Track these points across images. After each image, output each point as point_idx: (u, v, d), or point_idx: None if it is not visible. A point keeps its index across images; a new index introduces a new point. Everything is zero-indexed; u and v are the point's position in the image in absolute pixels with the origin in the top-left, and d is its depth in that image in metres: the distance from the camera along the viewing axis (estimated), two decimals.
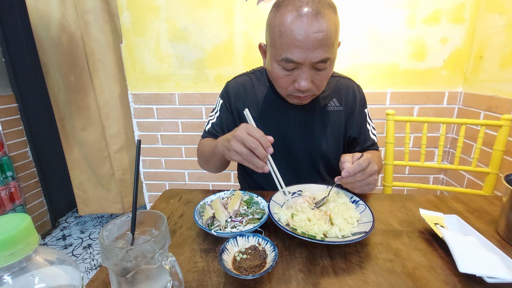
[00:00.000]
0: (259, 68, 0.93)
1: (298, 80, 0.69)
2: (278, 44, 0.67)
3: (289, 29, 0.63)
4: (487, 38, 1.37)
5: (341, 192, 0.72)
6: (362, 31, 1.50)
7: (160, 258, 0.39)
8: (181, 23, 1.57)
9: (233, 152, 0.62)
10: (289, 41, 0.64)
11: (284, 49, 0.66)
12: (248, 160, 0.61)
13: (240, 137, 0.61)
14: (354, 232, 0.58)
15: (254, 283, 0.48)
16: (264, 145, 0.60)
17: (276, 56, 0.68)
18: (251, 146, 0.59)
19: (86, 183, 2.07)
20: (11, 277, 0.29)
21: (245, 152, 0.60)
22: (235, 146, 0.61)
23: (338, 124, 0.88)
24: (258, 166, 0.61)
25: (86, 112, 1.90)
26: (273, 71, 0.72)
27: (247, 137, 0.60)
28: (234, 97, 0.89)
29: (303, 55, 0.64)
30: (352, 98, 0.88)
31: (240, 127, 0.63)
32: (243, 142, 0.60)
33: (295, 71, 0.69)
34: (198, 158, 0.94)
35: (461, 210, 0.72)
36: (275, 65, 0.70)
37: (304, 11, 0.62)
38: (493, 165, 1.09)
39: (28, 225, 0.30)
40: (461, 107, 1.56)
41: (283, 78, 0.71)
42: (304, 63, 0.66)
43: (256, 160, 0.60)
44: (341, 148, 0.91)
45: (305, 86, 0.68)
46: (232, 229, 0.60)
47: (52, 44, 1.75)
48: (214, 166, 0.88)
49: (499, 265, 0.47)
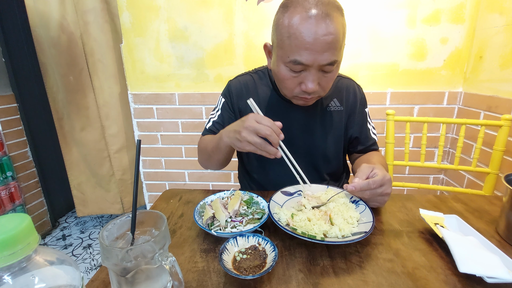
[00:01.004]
0: (261, 68, 0.93)
1: (305, 82, 0.69)
2: (286, 46, 0.66)
3: (298, 31, 0.63)
4: (487, 38, 1.37)
5: (341, 192, 0.72)
6: (362, 31, 1.50)
7: (160, 258, 0.39)
8: (181, 23, 1.57)
9: (245, 143, 0.64)
10: (298, 43, 0.64)
11: (293, 51, 0.65)
12: (262, 148, 0.63)
13: (252, 127, 0.62)
14: (354, 232, 0.58)
15: (254, 283, 0.48)
16: (276, 131, 0.62)
17: (284, 57, 0.68)
18: (266, 133, 0.61)
19: (84, 184, 2.06)
20: (11, 277, 0.29)
21: (258, 141, 0.62)
22: (248, 137, 0.62)
23: (338, 124, 0.88)
24: (272, 153, 0.63)
25: (86, 112, 1.90)
26: (279, 72, 0.72)
27: (260, 126, 0.62)
28: (236, 96, 0.89)
29: (312, 57, 0.64)
30: (353, 98, 0.88)
31: (249, 117, 0.64)
32: (256, 131, 0.62)
33: (302, 73, 0.69)
34: (199, 156, 0.93)
35: (461, 210, 0.72)
36: (282, 66, 0.70)
37: (314, 13, 0.62)
38: (493, 165, 1.09)
39: (28, 225, 0.30)
40: (461, 107, 1.56)
41: (289, 80, 0.71)
42: (312, 66, 0.66)
43: (270, 148, 0.63)
44: (341, 148, 0.91)
45: (312, 88, 0.68)
46: (232, 229, 0.60)
47: (51, 44, 1.75)
48: (218, 161, 0.86)
49: (499, 265, 0.47)
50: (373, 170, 0.67)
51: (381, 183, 0.63)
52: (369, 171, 0.66)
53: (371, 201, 0.67)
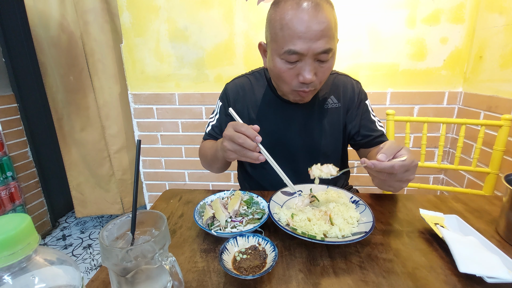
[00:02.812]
0: (257, 69, 0.93)
1: (302, 73, 0.68)
2: (280, 38, 0.67)
3: (290, 21, 0.64)
4: (487, 38, 1.37)
5: (341, 192, 0.72)
6: (362, 31, 1.50)
7: (160, 258, 0.39)
8: (181, 23, 1.57)
9: (228, 152, 0.65)
10: (291, 33, 0.65)
11: (287, 41, 0.66)
12: (242, 155, 0.63)
13: (228, 135, 0.63)
14: (354, 232, 0.58)
15: (254, 283, 0.48)
16: (251, 136, 0.61)
17: (279, 49, 0.68)
18: (239, 141, 0.61)
19: (84, 185, 2.06)
20: (11, 277, 0.29)
21: (237, 148, 0.62)
22: (228, 145, 0.64)
23: (336, 121, 0.87)
24: (252, 158, 0.62)
25: (85, 112, 1.90)
26: (275, 67, 0.72)
27: (234, 134, 0.62)
28: (233, 99, 0.90)
29: (306, 45, 0.65)
30: (351, 93, 0.88)
31: (228, 126, 0.65)
32: (232, 140, 0.62)
33: (298, 64, 0.69)
34: (201, 160, 0.95)
35: (461, 210, 0.72)
36: (278, 59, 0.70)
37: (304, 4, 0.64)
38: (493, 165, 1.09)
39: (28, 225, 0.30)
40: (461, 107, 1.56)
41: (286, 72, 0.71)
42: (307, 54, 0.66)
43: (249, 153, 0.62)
44: (340, 145, 0.91)
45: (309, 78, 0.68)
46: (232, 229, 0.60)
47: (51, 44, 1.74)
48: (218, 169, 0.91)
49: (499, 265, 0.47)
50: (401, 150, 0.60)
51: (407, 168, 0.58)
52: (396, 150, 0.60)
53: (384, 184, 0.62)
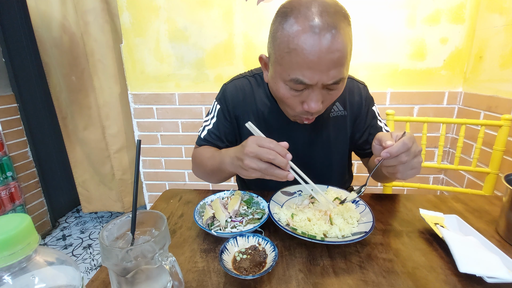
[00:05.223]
0: (257, 70, 0.85)
1: (308, 102, 0.62)
2: (286, 62, 0.58)
3: (300, 47, 0.55)
4: (487, 38, 1.37)
5: (341, 192, 0.72)
6: (362, 31, 1.50)
7: (160, 258, 0.39)
8: (181, 23, 1.57)
9: (251, 171, 0.57)
10: (300, 61, 0.56)
11: (294, 69, 0.58)
12: (269, 174, 0.56)
13: (254, 152, 0.55)
14: (354, 232, 0.58)
15: (254, 283, 0.48)
16: (281, 152, 0.55)
17: (284, 75, 0.60)
18: (269, 158, 0.54)
19: (89, 182, 2.10)
20: (11, 277, 0.29)
21: (263, 166, 0.55)
22: (251, 164, 0.56)
23: (343, 130, 0.83)
24: (281, 177, 0.56)
25: (88, 111, 1.92)
26: (278, 91, 0.64)
27: (261, 150, 0.55)
28: (232, 102, 0.81)
29: (316, 77, 0.57)
30: (358, 100, 0.82)
31: (248, 142, 0.57)
32: (258, 157, 0.55)
33: (305, 91, 0.62)
34: (194, 168, 0.86)
35: (461, 210, 0.72)
36: (282, 84, 0.63)
37: (318, 25, 0.53)
38: (493, 165, 1.09)
39: (28, 225, 0.30)
40: (461, 107, 1.56)
41: (290, 99, 0.64)
42: (316, 85, 0.59)
43: (278, 171, 0.55)
44: (346, 154, 0.88)
45: (315, 108, 0.61)
46: (232, 229, 0.60)
47: (54, 44, 1.76)
48: (218, 180, 0.81)
49: (499, 265, 0.47)
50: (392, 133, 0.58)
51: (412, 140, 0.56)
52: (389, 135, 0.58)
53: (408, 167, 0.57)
